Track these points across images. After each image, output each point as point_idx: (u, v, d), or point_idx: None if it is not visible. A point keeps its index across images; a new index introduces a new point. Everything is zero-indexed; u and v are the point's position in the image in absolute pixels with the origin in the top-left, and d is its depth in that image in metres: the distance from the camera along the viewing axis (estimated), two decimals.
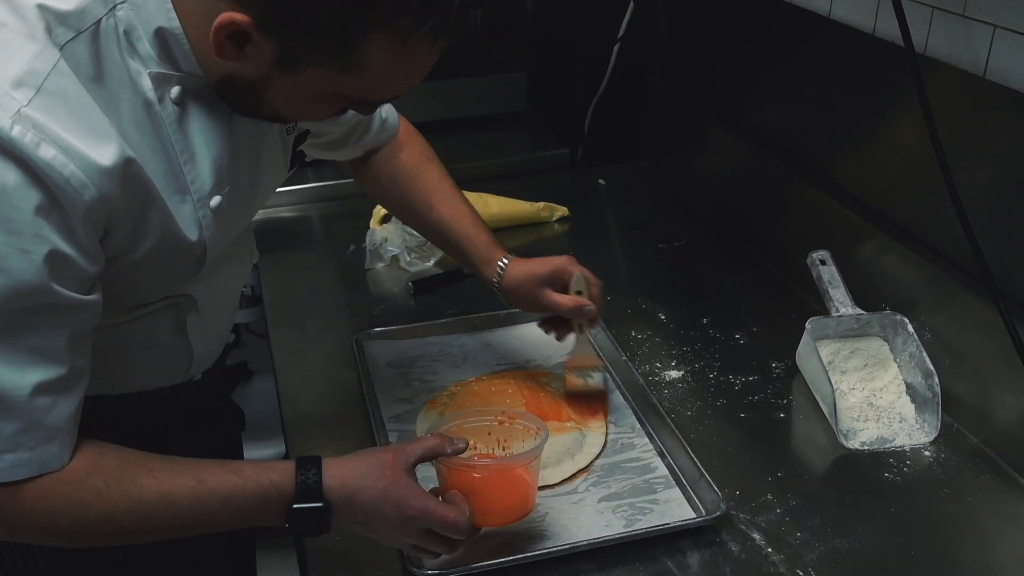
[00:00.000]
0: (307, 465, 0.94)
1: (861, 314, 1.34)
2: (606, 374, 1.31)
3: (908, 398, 1.28)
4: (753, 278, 1.62)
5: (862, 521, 1.10)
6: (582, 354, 1.28)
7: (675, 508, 1.11)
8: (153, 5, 0.86)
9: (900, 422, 1.26)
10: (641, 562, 1.04)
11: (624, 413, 1.27)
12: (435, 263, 1.64)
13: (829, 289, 1.36)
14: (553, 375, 1.33)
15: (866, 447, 1.22)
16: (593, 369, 1.28)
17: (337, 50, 0.83)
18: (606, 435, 1.23)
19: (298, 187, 1.89)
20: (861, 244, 1.41)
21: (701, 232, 1.78)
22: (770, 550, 1.06)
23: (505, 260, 1.27)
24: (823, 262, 1.39)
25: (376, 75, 0.86)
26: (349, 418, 1.27)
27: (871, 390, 1.29)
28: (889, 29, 1.33)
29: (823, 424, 1.26)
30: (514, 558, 1.03)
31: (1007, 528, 1.10)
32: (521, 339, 1.41)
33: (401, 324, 1.44)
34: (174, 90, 0.90)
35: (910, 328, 1.29)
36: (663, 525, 1.07)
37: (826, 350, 1.32)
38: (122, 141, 0.85)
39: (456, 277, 1.60)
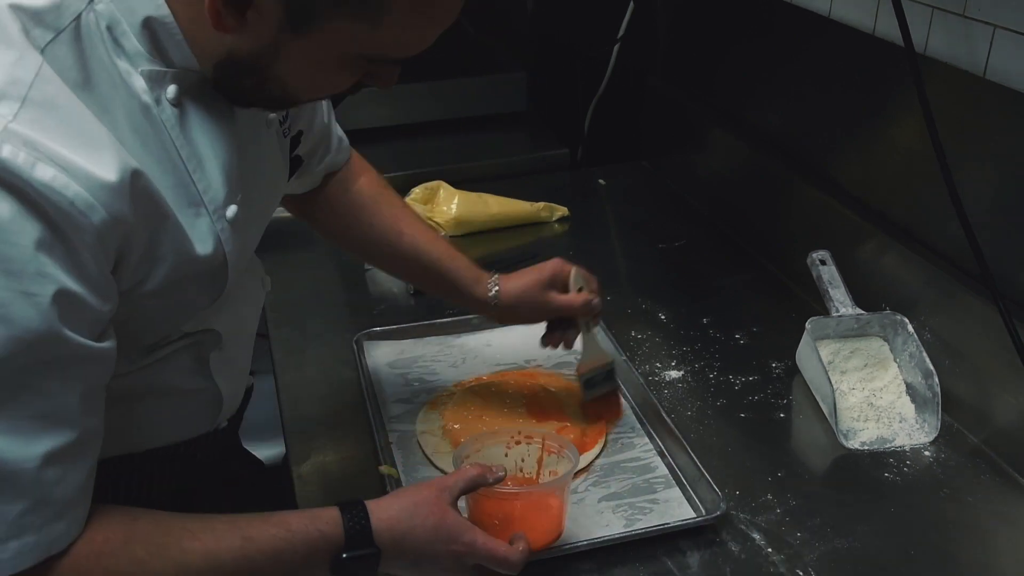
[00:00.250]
0: (353, 511, 0.89)
1: (861, 314, 1.34)
2: (616, 367, 1.29)
3: (908, 398, 1.28)
4: (753, 278, 1.62)
5: (862, 521, 1.10)
6: (593, 354, 1.27)
7: (675, 508, 1.11)
8: None
9: (900, 422, 1.26)
10: (641, 562, 1.04)
11: (624, 413, 1.27)
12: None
13: (829, 289, 1.36)
14: (555, 376, 1.33)
15: (866, 447, 1.22)
16: (605, 367, 1.27)
17: None
18: (606, 435, 1.23)
19: None
20: (861, 244, 1.41)
21: (701, 232, 1.78)
22: (770, 550, 1.06)
23: (495, 277, 1.23)
24: (823, 262, 1.39)
25: (399, 22, 0.76)
26: (349, 418, 1.27)
27: (871, 390, 1.29)
28: (889, 29, 1.33)
29: (823, 424, 1.26)
30: None
31: (1007, 528, 1.10)
32: (521, 339, 1.41)
33: (401, 324, 1.44)
34: (170, 89, 0.81)
35: (910, 328, 1.29)
36: (663, 525, 1.07)
37: (826, 350, 1.32)
38: (124, 152, 0.76)
39: None
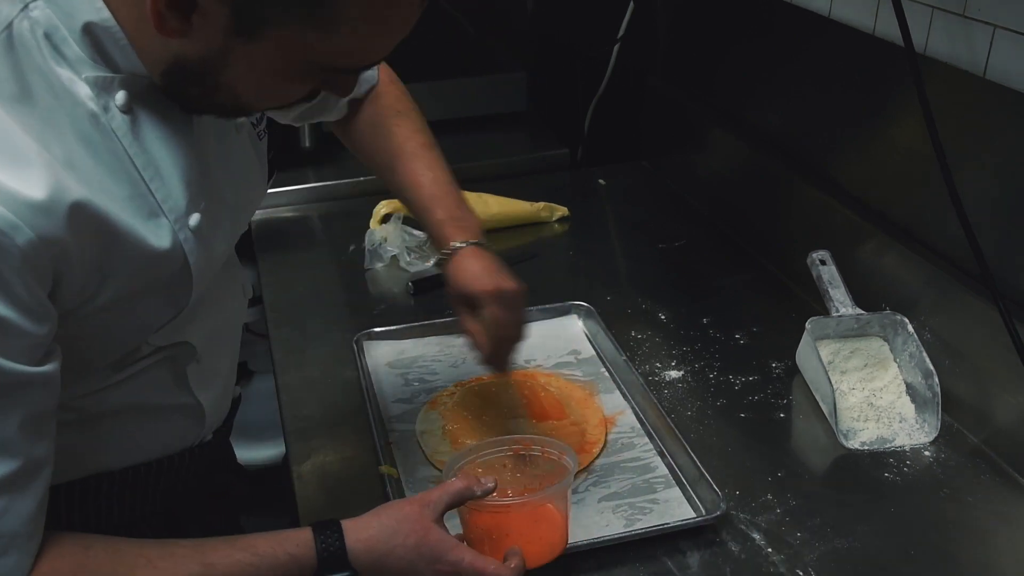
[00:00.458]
0: (326, 532, 0.84)
1: (861, 314, 1.34)
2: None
3: (908, 398, 1.28)
4: (753, 278, 1.62)
5: (862, 521, 1.10)
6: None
7: (675, 508, 1.11)
8: None
9: (900, 422, 1.26)
10: (641, 562, 1.04)
11: (624, 413, 1.27)
12: (435, 263, 1.64)
13: (829, 289, 1.36)
14: (554, 376, 1.33)
15: (866, 447, 1.22)
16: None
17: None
18: (606, 435, 1.23)
19: (298, 187, 1.89)
20: (861, 244, 1.41)
21: (701, 232, 1.78)
22: (770, 550, 1.06)
23: (453, 247, 1.09)
24: (823, 262, 1.39)
25: (354, 30, 0.72)
26: (349, 418, 1.26)
27: (871, 390, 1.29)
28: (889, 29, 1.33)
29: (823, 424, 1.26)
30: None
31: (1007, 528, 1.10)
32: None
33: (401, 324, 1.44)
34: (119, 95, 0.76)
35: (910, 328, 1.29)
36: (663, 525, 1.07)
37: (826, 350, 1.32)
38: (58, 168, 0.71)
39: None
